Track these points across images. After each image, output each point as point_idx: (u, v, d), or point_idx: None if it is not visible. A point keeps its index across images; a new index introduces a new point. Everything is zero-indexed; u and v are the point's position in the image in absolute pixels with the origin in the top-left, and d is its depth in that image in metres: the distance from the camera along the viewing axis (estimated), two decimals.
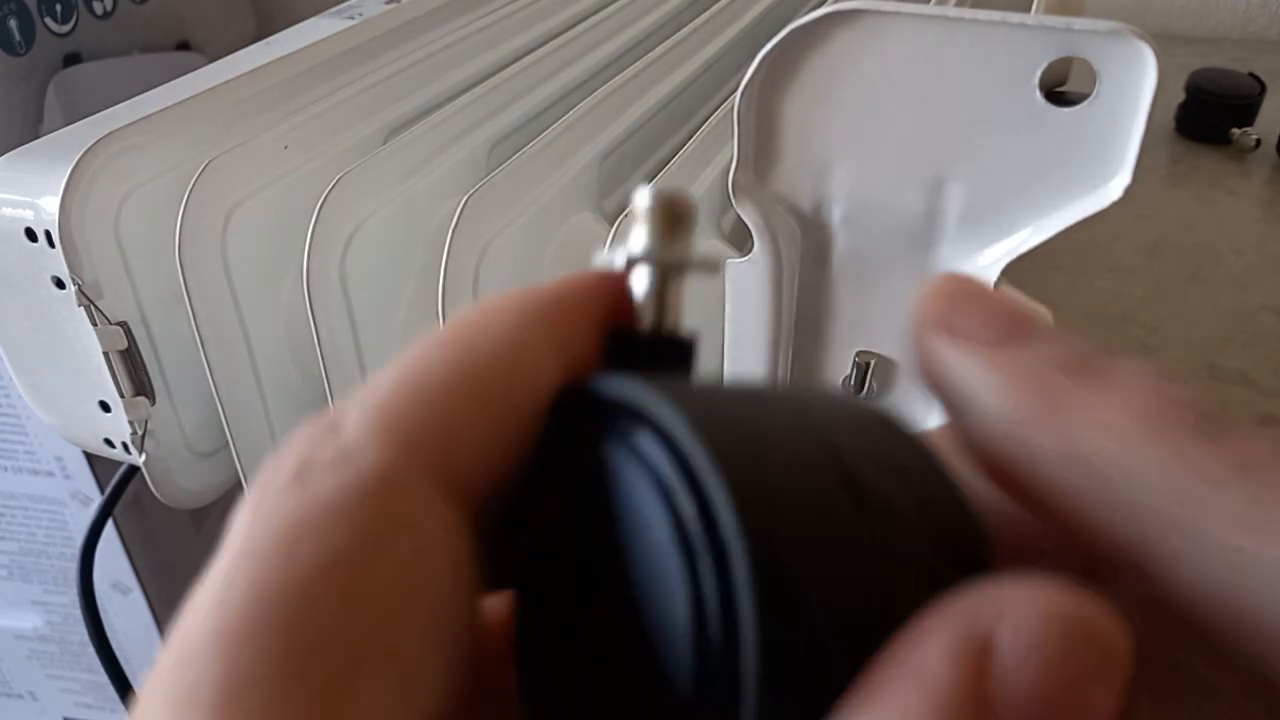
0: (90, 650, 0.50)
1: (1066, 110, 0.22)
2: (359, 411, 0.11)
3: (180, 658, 0.09)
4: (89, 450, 0.43)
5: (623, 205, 0.38)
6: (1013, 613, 0.09)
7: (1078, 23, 0.20)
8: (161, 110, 0.39)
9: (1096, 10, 0.74)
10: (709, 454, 0.10)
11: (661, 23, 0.54)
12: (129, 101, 0.40)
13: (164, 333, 0.40)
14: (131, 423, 0.40)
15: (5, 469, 0.80)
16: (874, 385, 0.29)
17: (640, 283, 0.14)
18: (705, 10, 0.52)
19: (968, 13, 0.21)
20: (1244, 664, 0.10)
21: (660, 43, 0.47)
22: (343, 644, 0.09)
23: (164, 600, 0.88)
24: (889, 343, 0.28)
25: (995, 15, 0.21)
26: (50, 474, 0.80)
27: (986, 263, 0.25)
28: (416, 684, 0.10)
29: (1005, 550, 0.12)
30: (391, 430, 0.11)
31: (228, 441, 0.40)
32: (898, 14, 0.22)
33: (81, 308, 0.37)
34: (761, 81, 0.23)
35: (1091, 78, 0.22)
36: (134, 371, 0.39)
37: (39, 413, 0.42)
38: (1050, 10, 0.26)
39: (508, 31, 0.51)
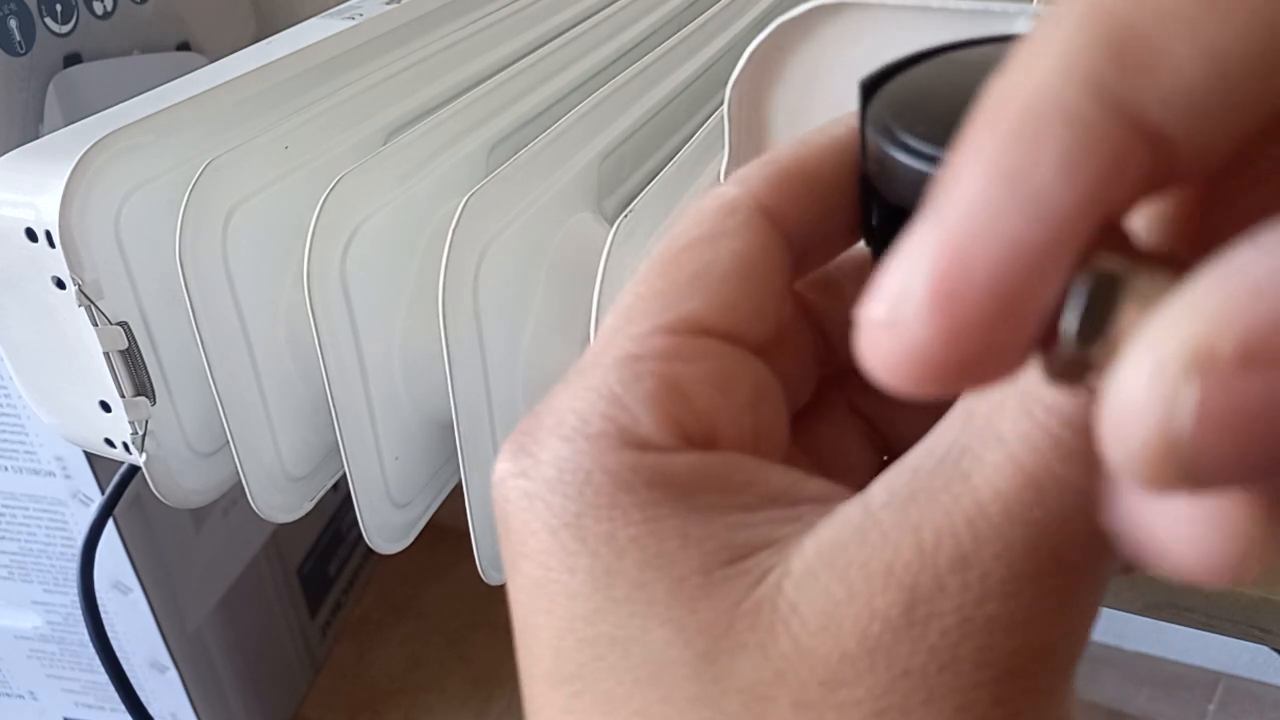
0: (90, 650, 0.50)
1: None
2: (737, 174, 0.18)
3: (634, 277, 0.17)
4: (89, 450, 0.43)
5: (622, 205, 0.38)
6: None
7: None
8: (161, 110, 0.39)
9: None
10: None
11: (661, 23, 0.55)
12: (129, 101, 0.40)
13: (164, 333, 0.40)
14: (132, 422, 0.40)
15: (5, 469, 0.80)
16: None
17: None
18: (705, 11, 0.52)
19: (951, 3, 0.21)
20: None
21: (660, 44, 0.47)
22: (690, 266, 0.17)
23: (164, 600, 0.88)
24: None
25: (978, 5, 0.21)
26: (50, 474, 0.80)
27: None
28: (734, 303, 0.16)
29: None
30: (742, 182, 0.17)
31: (228, 441, 0.40)
32: (882, 6, 0.22)
33: (82, 308, 0.37)
34: (750, 76, 0.24)
35: None
36: (134, 371, 0.39)
37: (39, 413, 0.42)
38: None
39: (507, 33, 0.51)
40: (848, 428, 0.20)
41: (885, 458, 0.21)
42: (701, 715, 0.14)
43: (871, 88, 0.17)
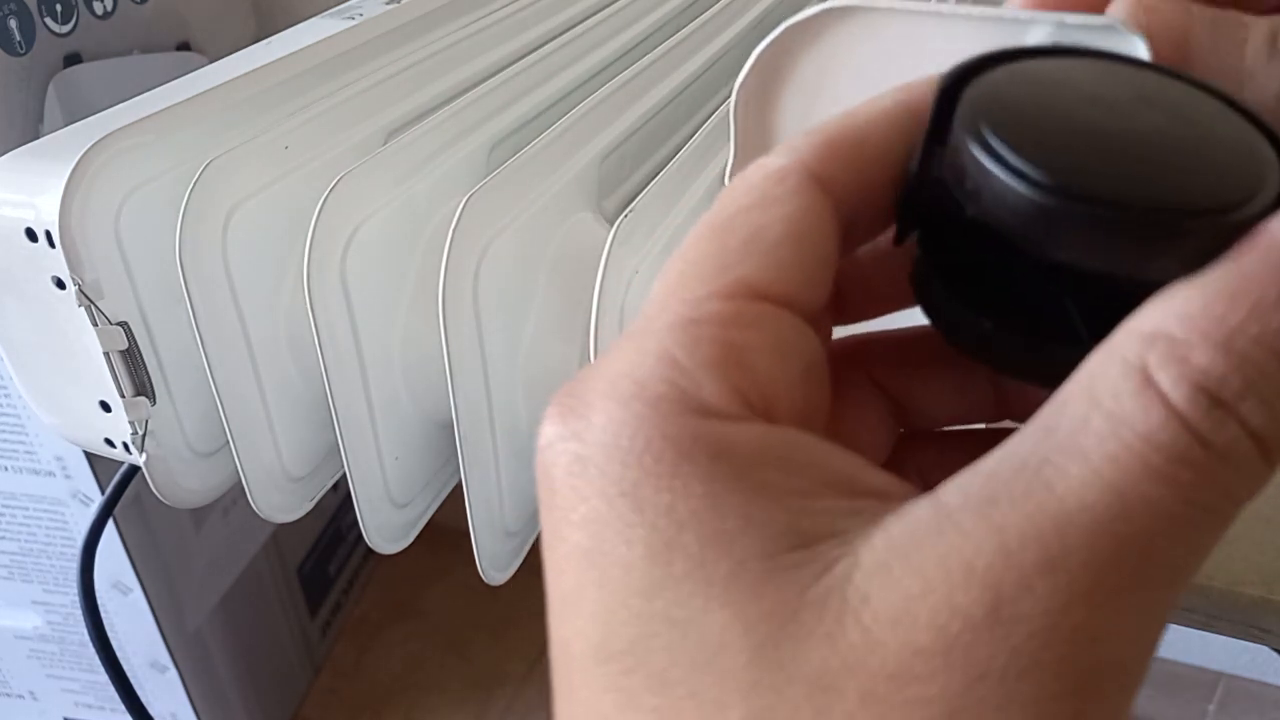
0: (90, 650, 0.50)
1: None
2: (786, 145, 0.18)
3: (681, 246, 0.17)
4: (89, 450, 0.43)
5: (622, 205, 0.38)
6: None
7: (1070, 17, 0.20)
8: (162, 110, 0.39)
9: None
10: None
11: (662, 23, 0.55)
12: (129, 101, 0.40)
13: (164, 333, 0.40)
14: (132, 423, 0.40)
15: (5, 469, 0.80)
16: None
17: None
18: (705, 10, 0.52)
19: (960, 8, 0.21)
20: None
21: (660, 43, 0.47)
22: (742, 231, 0.16)
23: (164, 600, 0.88)
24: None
25: (989, 11, 0.21)
26: (50, 474, 0.80)
27: None
28: (788, 269, 0.16)
29: None
30: (790, 152, 0.17)
31: (228, 441, 0.40)
32: (891, 10, 0.22)
33: (82, 308, 0.37)
34: (756, 80, 0.24)
35: None
36: (134, 371, 0.39)
37: (39, 413, 0.42)
38: None
39: (507, 32, 0.51)
40: (867, 402, 0.20)
41: (902, 430, 0.21)
42: (761, 702, 0.13)
43: (952, 90, 0.16)
